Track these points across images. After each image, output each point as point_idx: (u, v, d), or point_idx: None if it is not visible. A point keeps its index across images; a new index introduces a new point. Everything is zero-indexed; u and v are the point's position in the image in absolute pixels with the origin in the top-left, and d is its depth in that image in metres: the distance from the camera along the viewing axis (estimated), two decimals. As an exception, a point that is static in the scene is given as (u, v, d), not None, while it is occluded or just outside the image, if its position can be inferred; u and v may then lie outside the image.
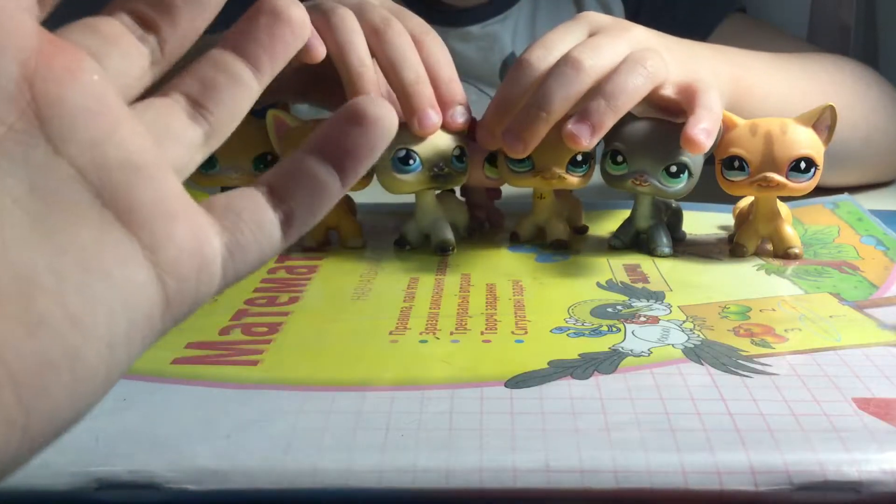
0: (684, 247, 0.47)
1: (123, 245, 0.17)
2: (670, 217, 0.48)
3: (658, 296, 0.39)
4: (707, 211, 0.53)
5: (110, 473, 0.24)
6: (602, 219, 0.52)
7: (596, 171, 0.45)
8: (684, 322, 0.36)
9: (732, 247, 0.46)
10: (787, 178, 0.41)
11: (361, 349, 0.33)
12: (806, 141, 0.41)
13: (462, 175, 0.44)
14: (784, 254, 0.44)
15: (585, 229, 0.51)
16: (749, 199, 0.47)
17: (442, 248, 0.45)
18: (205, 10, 0.20)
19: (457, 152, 0.43)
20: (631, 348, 0.33)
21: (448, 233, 0.46)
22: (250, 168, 0.46)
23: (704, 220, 0.52)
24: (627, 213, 0.47)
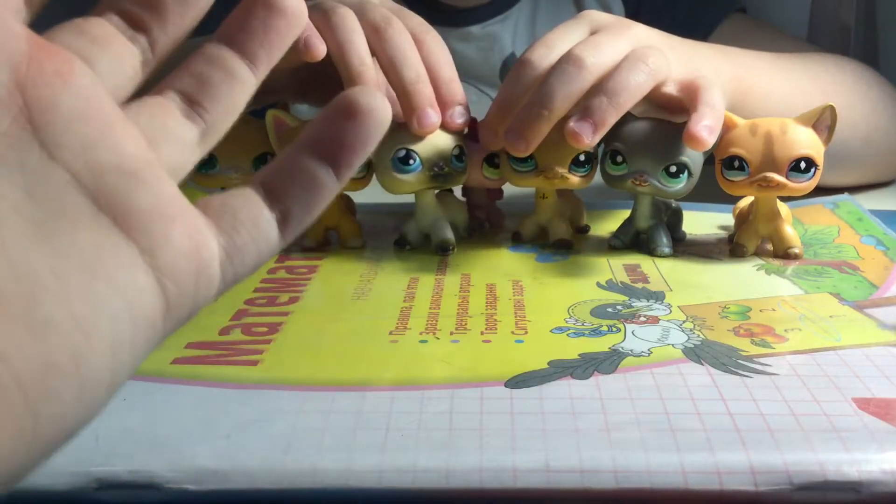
0: (684, 247, 0.47)
1: (122, 249, 0.17)
2: (670, 217, 0.48)
3: (658, 296, 0.39)
4: (707, 211, 0.53)
5: (110, 473, 0.24)
6: (602, 219, 0.52)
7: (596, 172, 0.45)
8: (684, 322, 0.36)
9: (732, 247, 0.46)
10: (787, 178, 0.41)
11: (361, 349, 0.33)
12: (806, 141, 0.41)
13: (461, 175, 0.44)
14: (784, 254, 0.44)
15: (587, 229, 0.51)
16: (749, 199, 0.47)
17: (442, 248, 0.45)
18: (194, 8, 0.20)
19: (456, 152, 0.43)
20: (631, 348, 0.33)
21: (448, 232, 0.46)
22: (250, 168, 0.46)
23: (704, 220, 0.52)
24: (627, 213, 0.47)
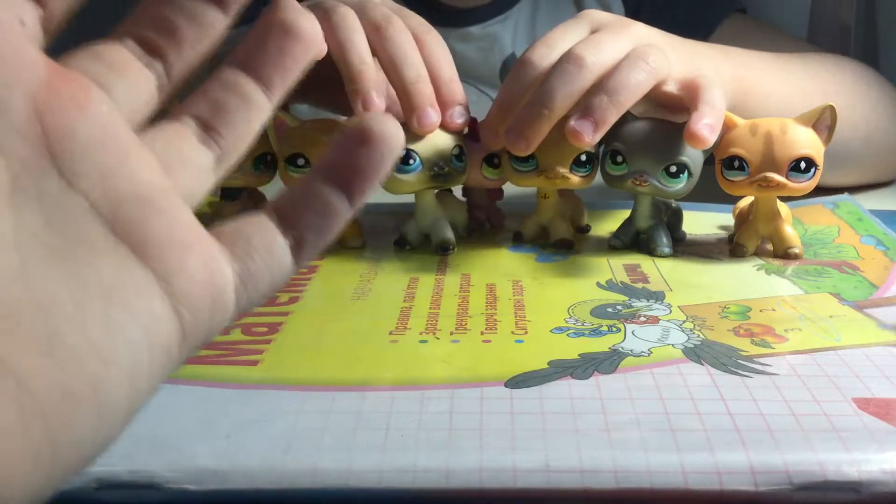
0: (684, 247, 0.47)
1: (140, 277, 0.17)
2: (670, 217, 0.48)
3: (658, 296, 0.39)
4: (707, 211, 0.53)
5: (110, 473, 0.24)
6: (602, 219, 0.52)
7: (597, 172, 0.45)
8: (684, 322, 0.36)
9: (732, 247, 0.46)
10: (787, 178, 0.41)
11: (361, 349, 0.33)
12: (806, 141, 0.41)
13: (461, 174, 0.44)
14: (784, 254, 0.44)
15: (588, 229, 0.51)
16: (749, 199, 0.47)
17: (443, 248, 0.45)
18: (210, 35, 0.20)
19: (456, 151, 0.43)
20: (631, 348, 0.33)
21: (448, 232, 0.46)
22: (250, 168, 0.46)
23: (704, 220, 0.52)
24: (627, 213, 0.47)
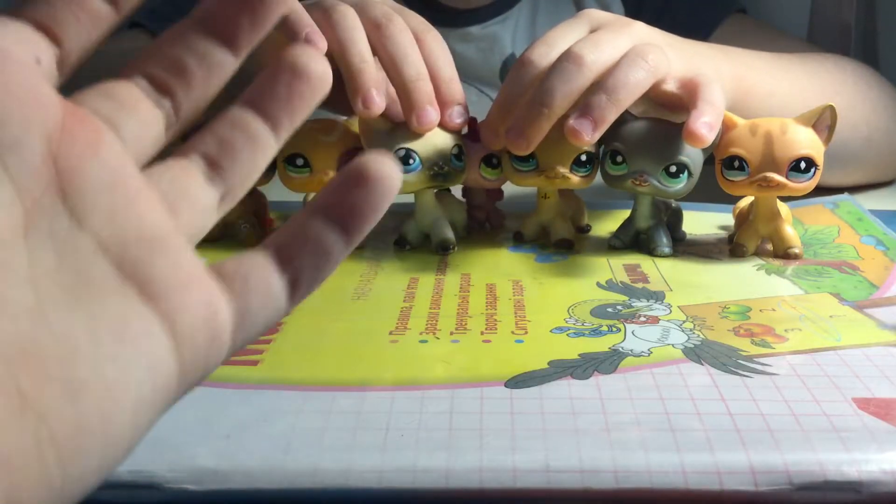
0: (684, 247, 0.47)
1: (146, 316, 0.17)
2: (670, 217, 0.48)
3: (658, 296, 0.39)
4: (707, 211, 0.53)
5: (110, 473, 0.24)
6: (602, 219, 0.52)
7: (597, 172, 0.45)
8: (684, 322, 0.36)
9: (732, 247, 0.46)
10: (787, 178, 0.41)
11: (361, 349, 0.33)
12: (806, 141, 0.41)
13: (460, 174, 0.44)
14: (784, 254, 0.44)
15: (588, 229, 0.51)
16: (749, 199, 0.47)
17: (443, 247, 0.45)
18: (218, 75, 0.20)
19: (455, 151, 0.43)
20: (631, 348, 0.33)
21: (448, 232, 0.46)
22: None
23: (704, 220, 0.52)
24: (627, 213, 0.47)
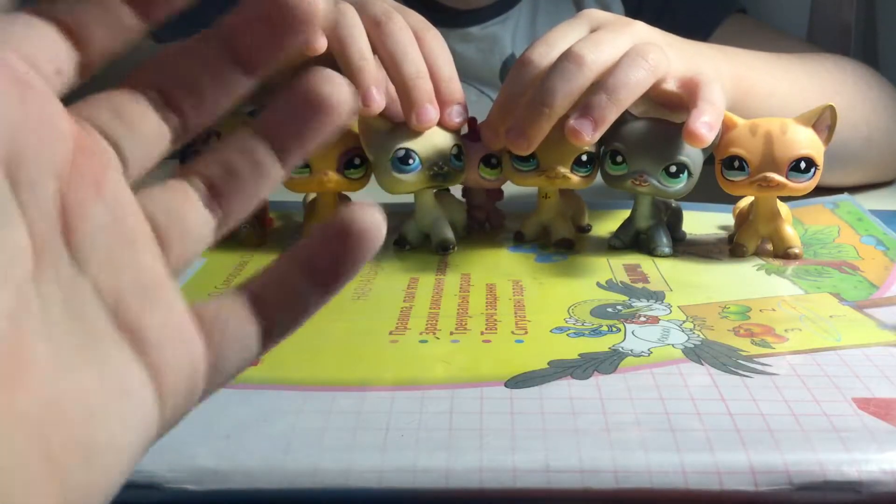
0: (684, 247, 0.47)
1: (139, 372, 0.17)
2: (670, 217, 0.48)
3: (658, 296, 0.39)
4: (707, 211, 0.53)
5: (110, 473, 0.24)
6: (602, 219, 0.52)
7: (597, 172, 0.45)
8: (684, 322, 0.36)
9: (732, 247, 0.46)
10: (787, 178, 0.41)
11: (361, 349, 0.33)
12: (806, 141, 0.41)
13: (460, 174, 0.44)
14: (784, 254, 0.44)
15: (589, 228, 0.51)
16: (749, 199, 0.47)
17: (443, 247, 0.45)
18: (231, 96, 0.19)
19: (455, 151, 0.43)
20: (631, 348, 0.33)
21: (448, 231, 0.46)
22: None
23: (704, 220, 0.52)
24: (627, 213, 0.47)
